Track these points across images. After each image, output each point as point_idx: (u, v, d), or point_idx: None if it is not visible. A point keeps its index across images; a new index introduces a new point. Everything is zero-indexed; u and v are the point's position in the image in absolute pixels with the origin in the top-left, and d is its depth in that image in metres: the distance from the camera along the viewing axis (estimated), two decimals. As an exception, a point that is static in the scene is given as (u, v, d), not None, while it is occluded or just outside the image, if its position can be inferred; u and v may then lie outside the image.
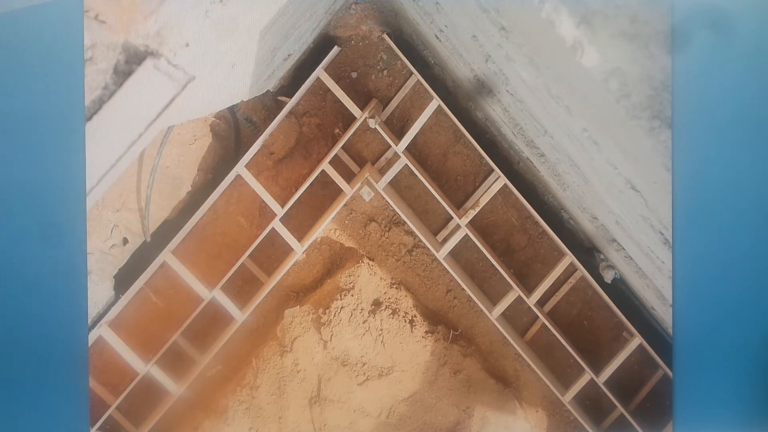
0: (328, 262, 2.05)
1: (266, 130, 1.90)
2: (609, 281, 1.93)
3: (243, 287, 2.01)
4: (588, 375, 1.92)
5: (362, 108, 1.93)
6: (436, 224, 2.07)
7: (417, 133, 1.93)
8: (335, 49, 1.91)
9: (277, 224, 1.90)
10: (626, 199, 1.40)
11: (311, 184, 1.91)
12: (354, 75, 2.01)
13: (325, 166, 1.90)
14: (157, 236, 1.90)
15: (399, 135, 1.99)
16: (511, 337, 1.96)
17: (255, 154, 1.90)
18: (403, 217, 1.92)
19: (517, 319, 2.07)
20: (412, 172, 1.96)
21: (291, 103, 1.90)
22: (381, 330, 1.95)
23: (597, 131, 1.30)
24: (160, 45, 1.12)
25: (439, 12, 1.62)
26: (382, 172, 2.00)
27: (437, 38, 1.79)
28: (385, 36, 1.96)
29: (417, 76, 1.92)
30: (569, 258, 1.91)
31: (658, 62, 1.02)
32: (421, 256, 2.04)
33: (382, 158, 2.04)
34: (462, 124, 1.91)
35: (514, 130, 1.83)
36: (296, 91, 1.90)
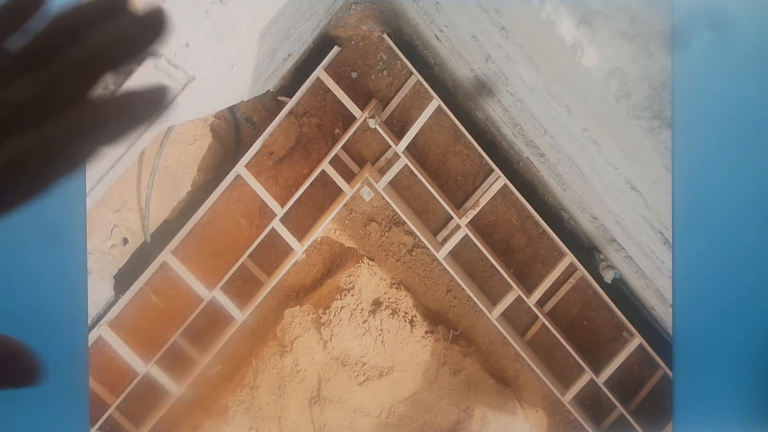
0: (328, 262, 2.05)
1: (266, 130, 1.90)
2: (609, 281, 1.93)
3: (243, 287, 2.01)
4: (588, 375, 1.92)
5: (362, 108, 1.93)
6: (436, 224, 2.07)
7: (417, 133, 1.93)
8: (335, 49, 1.91)
9: (277, 224, 1.90)
10: (626, 199, 1.40)
11: (311, 184, 1.91)
12: (354, 75, 2.01)
13: (325, 166, 1.90)
14: (157, 236, 1.90)
15: (399, 135, 1.99)
16: (511, 337, 1.96)
17: (255, 154, 1.90)
18: (403, 217, 1.92)
19: (517, 319, 2.07)
20: (412, 172, 1.96)
21: (291, 103, 1.90)
22: (381, 330, 1.95)
23: (597, 131, 1.30)
24: (160, 45, 1.12)
25: (439, 12, 1.62)
26: (382, 172, 2.00)
27: (437, 38, 1.79)
28: (385, 36, 1.96)
29: (417, 76, 1.92)
30: (569, 258, 1.91)
31: (658, 62, 1.02)
32: (421, 256, 2.04)
33: (382, 158, 2.04)
34: (462, 124, 1.91)
35: (514, 130, 1.83)
36: (296, 91, 1.90)
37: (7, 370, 0.40)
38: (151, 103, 0.36)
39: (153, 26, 0.38)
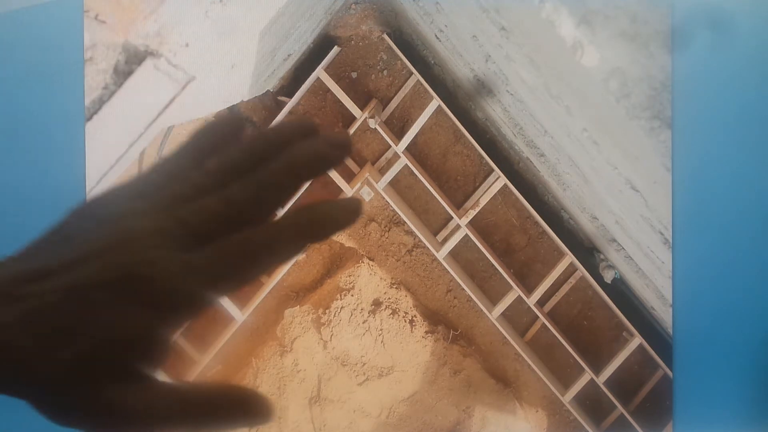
0: (328, 262, 2.05)
1: (266, 130, 1.90)
2: (609, 281, 1.93)
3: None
4: (588, 375, 1.92)
5: (362, 108, 1.93)
6: (436, 224, 2.07)
7: (417, 133, 1.93)
8: (335, 49, 1.91)
9: (277, 224, 1.90)
10: (626, 199, 1.40)
11: (311, 183, 1.91)
12: (354, 75, 2.01)
13: (325, 166, 1.90)
14: (157, 236, 1.89)
15: (399, 135, 1.99)
16: (511, 337, 1.96)
17: (255, 154, 1.90)
18: (403, 217, 1.92)
19: (517, 319, 2.07)
20: (412, 172, 1.96)
21: (291, 103, 1.90)
22: (381, 330, 1.95)
23: (597, 131, 1.30)
24: (160, 45, 1.12)
25: (439, 12, 1.63)
26: (382, 172, 2.00)
27: (437, 38, 1.80)
28: (385, 36, 1.96)
29: (417, 76, 1.92)
30: (569, 258, 1.91)
31: (658, 62, 1.02)
32: (421, 256, 2.04)
33: (382, 158, 2.04)
34: (462, 124, 1.91)
35: (514, 130, 1.83)
36: (296, 91, 1.90)
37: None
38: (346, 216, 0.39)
39: (342, 145, 0.41)
